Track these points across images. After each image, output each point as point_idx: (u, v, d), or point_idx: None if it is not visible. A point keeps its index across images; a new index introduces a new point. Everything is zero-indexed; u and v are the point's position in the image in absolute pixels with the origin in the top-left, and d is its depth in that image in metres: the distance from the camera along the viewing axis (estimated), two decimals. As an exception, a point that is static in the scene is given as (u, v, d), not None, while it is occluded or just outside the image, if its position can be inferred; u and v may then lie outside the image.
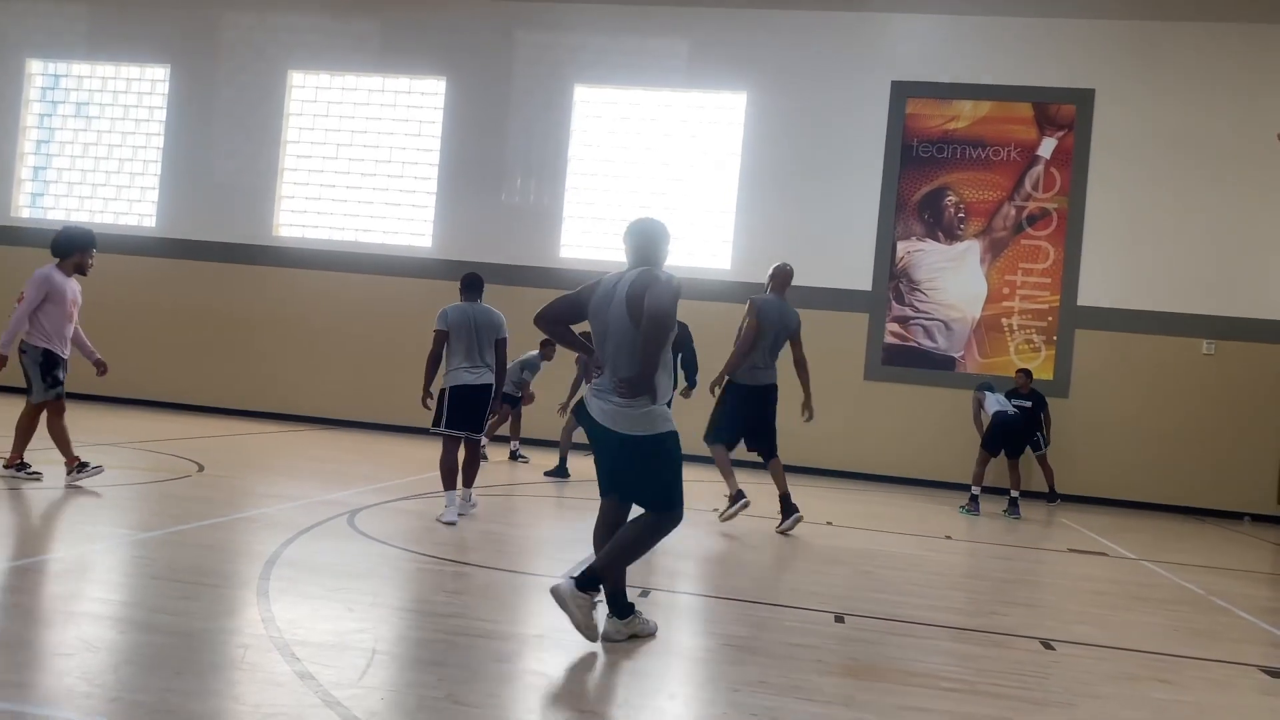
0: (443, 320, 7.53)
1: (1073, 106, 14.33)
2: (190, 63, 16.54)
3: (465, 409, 7.45)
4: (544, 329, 4.80)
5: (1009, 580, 7.46)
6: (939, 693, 4.22)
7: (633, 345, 4.39)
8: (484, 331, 7.54)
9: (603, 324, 4.51)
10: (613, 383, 4.39)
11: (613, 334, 4.47)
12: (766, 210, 14.88)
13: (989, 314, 14.45)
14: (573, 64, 15.51)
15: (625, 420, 4.39)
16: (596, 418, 4.47)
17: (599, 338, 4.55)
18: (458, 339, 7.47)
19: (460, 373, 7.43)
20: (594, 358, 4.61)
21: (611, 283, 4.57)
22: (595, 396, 4.50)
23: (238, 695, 3.53)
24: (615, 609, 4.60)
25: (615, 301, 4.47)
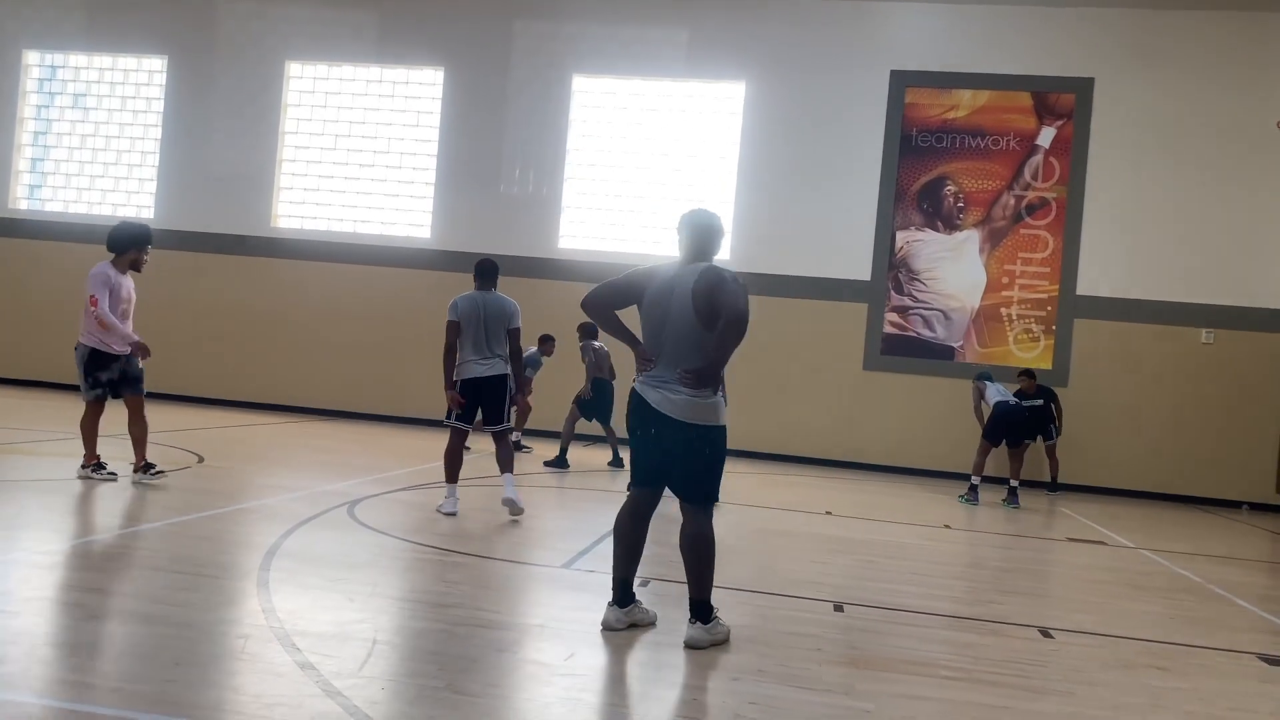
0: (453, 310, 7.28)
1: (1072, 95, 14.30)
2: (188, 54, 16.49)
3: (476, 402, 7.31)
4: (594, 314, 4.72)
5: (1007, 569, 7.48)
6: (938, 681, 4.23)
7: (696, 338, 4.42)
8: (494, 321, 7.28)
9: (661, 315, 4.48)
10: (676, 374, 4.41)
11: (674, 326, 4.44)
12: (765, 200, 14.86)
13: (988, 303, 14.45)
14: (571, 54, 15.47)
15: (691, 410, 4.41)
16: (659, 407, 4.43)
17: (654, 327, 4.51)
18: (467, 329, 7.24)
19: (471, 365, 7.26)
20: (642, 348, 4.56)
21: (670, 274, 4.53)
22: (654, 387, 4.47)
23: (238, 686, 3.53)
24: (618, 597, 4.61)
25: (679, 294, 4.44)
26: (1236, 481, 13.75)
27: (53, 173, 17.04)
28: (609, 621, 4.57)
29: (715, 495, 4.57)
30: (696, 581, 4.52)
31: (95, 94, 16.92)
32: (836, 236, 14.74)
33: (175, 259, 16.20)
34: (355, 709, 3.32)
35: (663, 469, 4.54)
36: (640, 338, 4.64)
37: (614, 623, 4.57)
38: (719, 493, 4.61)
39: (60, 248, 16.36)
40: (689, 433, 4.43)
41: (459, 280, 15.51)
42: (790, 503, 9.96)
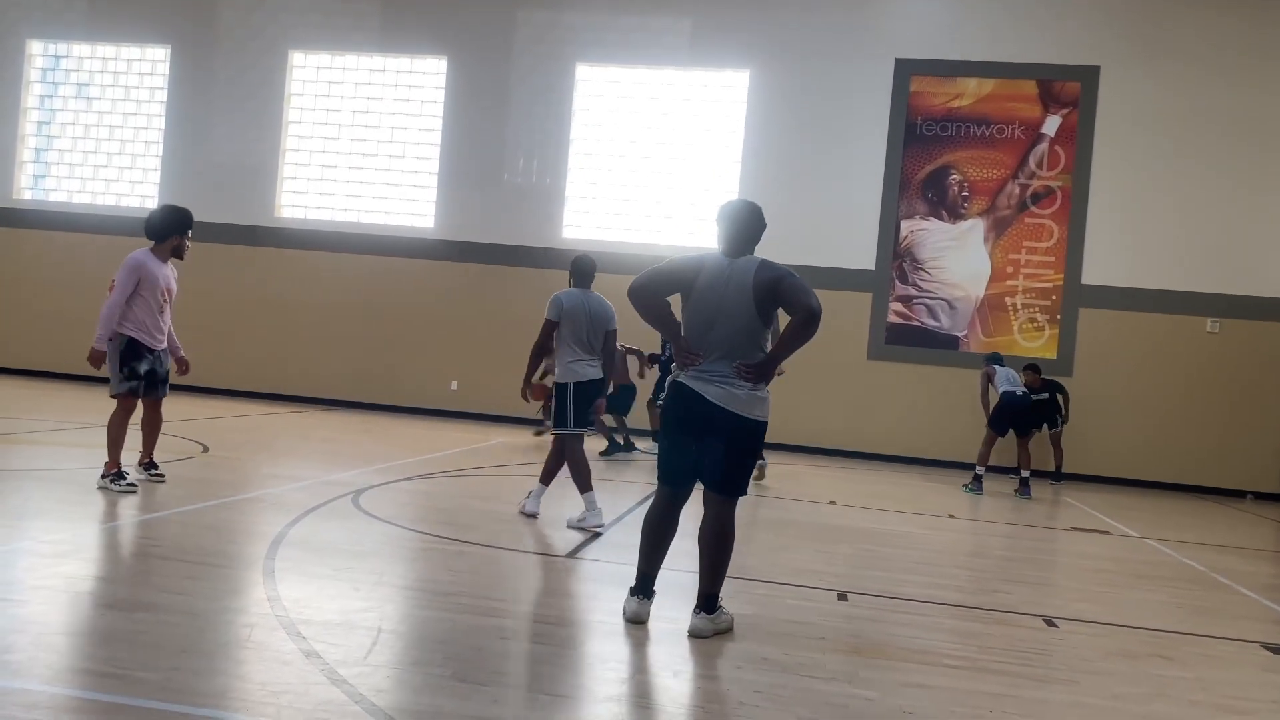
0: (555, 309, 6.79)
1: (1078, 84, 14.25)
2: (191, 43, 16.46)
3: (586, 405, 6.88)
4: (644, 304, 4.52)
5: (1011, 558, 7.48)
6: (941, 669, 4.24)
7: (754, 332, 4.40)
8: (598, 321, 6.88)
9: (713, 307, 4.40)
10: (733, 368, 4.37)
11: (727, 318, 4.38)
12: (769, 189, 14.81)
13: (993, 293, 14.42)
14: (574, 42, 15.43)
15: (752, 405, 4.41)
16: (720, 402, 4.36)
17: (704, 320, 4.42)
18: (573, 329, 6.79)
19: (582, 366, 6.81)
20: (687, 342, 4.46)
21: (723, 266, 4.45)
22: (712, 381, 4.39)
23: (244, 674, 3.55)
24: (643, 589, 4.59)
25: (736, 287, 4.38)
26: (1241, 470, 13.74)
27: (56, 163, 17.04)
28: (638, 614, 4.53)
29: (745, 489, 4.58)
30: (711, 573, 4.51)
31: (99, 84, 16.91)
32: (841, 226, 14.71)
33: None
34: (360, 697, 3.33)
35: (700, 463, 4.50)
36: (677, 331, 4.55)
37: (641, 615, 4.54)
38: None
39: (64, 238, 16.37)
40: (746, 427, 4.41)
41: (463, 270, 15.57)
42: (794, 492, 9.96)
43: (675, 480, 4.56)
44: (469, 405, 15.30)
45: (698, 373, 4.43)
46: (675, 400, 4.50)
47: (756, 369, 4.38)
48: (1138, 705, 3.99)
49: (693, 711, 3.57)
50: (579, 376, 6.78)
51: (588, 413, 6.85)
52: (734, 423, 4.39)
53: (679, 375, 4.50)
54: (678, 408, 4.49)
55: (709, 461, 4.47)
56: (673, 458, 4.54)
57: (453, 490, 8.38)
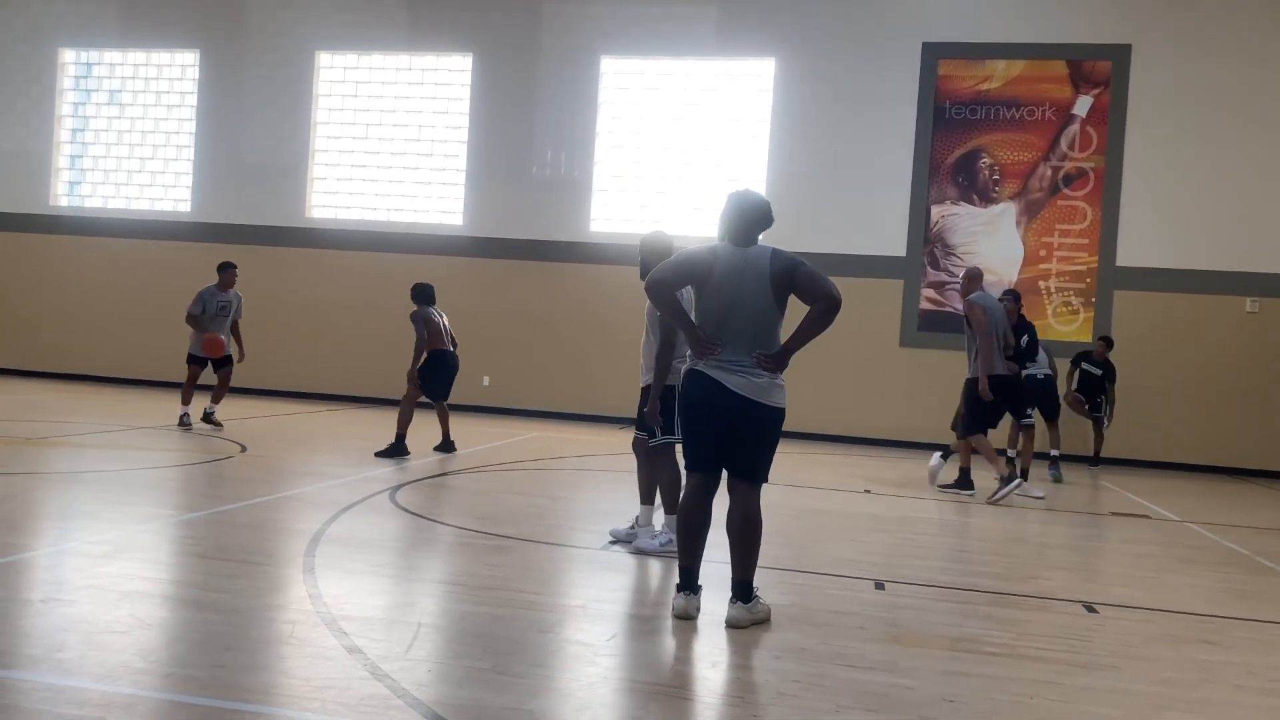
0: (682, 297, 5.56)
1: (1109, 63, 14.05)
2: (219, 47, 16.62)
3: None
4: (663, 296, 4.48)
5: (1050, 544, 7.42)
6: (982, 657, 4.22)
7: (771, 321, 4.46)
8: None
9: (730, 297, 4.43)
10: (752, 357, 4.40)
11: (745, 308, 4.42)
12: (798, 178, 14.75)
13: (1026, 277, 14.27)
14: (599, 35, 15.42)
15: (773, 393, 4.45)
16: (742, 392, 4.40)
17: (721, 310, 4.44)
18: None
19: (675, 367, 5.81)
20: (704, 332, 4.45)
21: (736, 256, 4.49)
22: (733, 371, 4.42)
23: (288, 670, 3.59)
24: (690, 584, 4.59)
25: (753, 277, 4.43)
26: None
27: (91, 169, 17.28)
28: (687, 610, 4.51)
29: (768, 475, 4.60)
30: (743, 562, 4.52)
31: (130, 90, 17.11)
32: (870, 213, 14.61)
33: (212, 251, 16.38)
34: (403, 691, 3.37)
35: (725, 452, 4.52)
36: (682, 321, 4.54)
37: (690, 610, 4.53)
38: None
39: (100, 243, 16.61)
40: (768, 415, 4.45)
41: (492, 266, 15.62)
42: (829, 481, 9.93)
43: (705, 465, 4.58)
44: (501, 400, 15.37)
45: (717, 362, 4.44)
46: (696, 389, 4.50)
47: (775, 359, 4.42)
48: (1183, 691, 3.95)
49: (731, 701, 3.58)
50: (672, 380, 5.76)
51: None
52: (757, 411, 4.43)
53: (697, 365, 4.50)
54: (699, 396, 4.49)
55: (734, 450, 4.50)
56: (697, 445, 4.57)
57: (488, 485, 8.43)
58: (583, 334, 15.14)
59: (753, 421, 4.45)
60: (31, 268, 16.94)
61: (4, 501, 6.32)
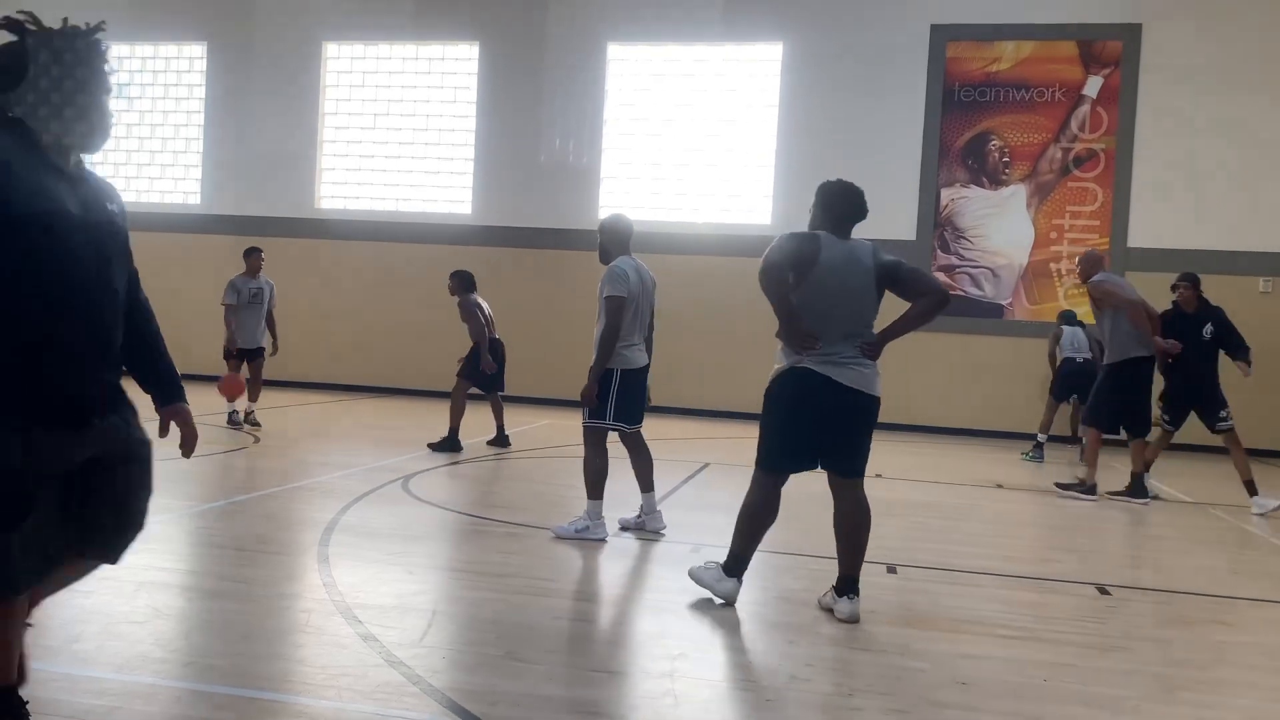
0: (623, 283, 5.78)
1: (1119, 43, 13.94)
2: (226, 39, 16.63)
3: (640, 396, 5.98)
4: (777, 284, 4.36)
5: (1063, 527, 7.41)
6: (996, 640, 4.22)
7: (871, 315, 4.47)
8: (650, 296, 6.06)
9: (836, 288, 4.37)
10: (856, 347, 4.37)
11: (855, 301, 4.41)
12: (806, 162, 14.69)
13: (1036, 259, 14.21)
14: (605, 21, 15.37)
15: (874, 382, 4.44)
16: (855, 385, 4.35)
17: (828, 300, 4.35)
18: (632, 307, 5.85)
19: (638, 352, 5.91)
20: (807, 324, 4.32)
21: (840, 246, 4.46)
22: (842, 364, 4.34)
23: (304, 658, 3.62)
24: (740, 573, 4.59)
25: (861, 269, 4.44)
26: (1298, 432, 13.44)
27: (101, 162, 17.30)
28: (733, 595, 4.52)
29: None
30: (856, 555, 4.51)
31: (138, 83, 17.14)
32: (880, 196, 14.38)
33: (222, 243, 16.44)
34: (418, 678, 3.39)
35: (828, 449, 4.47)
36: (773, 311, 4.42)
37: (736, 596, 4.55)
38: None
39: (112, 236, 16.67)
40: (874, 405, 4.45)
41: (501, 254, 15.63)
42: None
43: (791, 468, 4.53)
44: (512, 389, 15.32)
45: (823, 358, 4.33)
46: (801, 388, 4.36)
47: (876, 347, 4.43)
48: (1197, 671, 3.95)
49: (745, 686, 3.60)
50: (634, 363, 5.85)
51: (636, 406, 5.92)
52: (865, 402, 4.40)
53: (799, 361, 4.35)
54: (804, 396, 4.36)
55: (840, 446, 4.45)
56: (793, 447, 4.47)
57: (500, 473, 8.46)
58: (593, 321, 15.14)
59: (861, 412, 4.41)
60: (43, 262, 17.02)
61: (21, 494, 6.37)
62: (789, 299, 4.36)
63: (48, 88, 2.58)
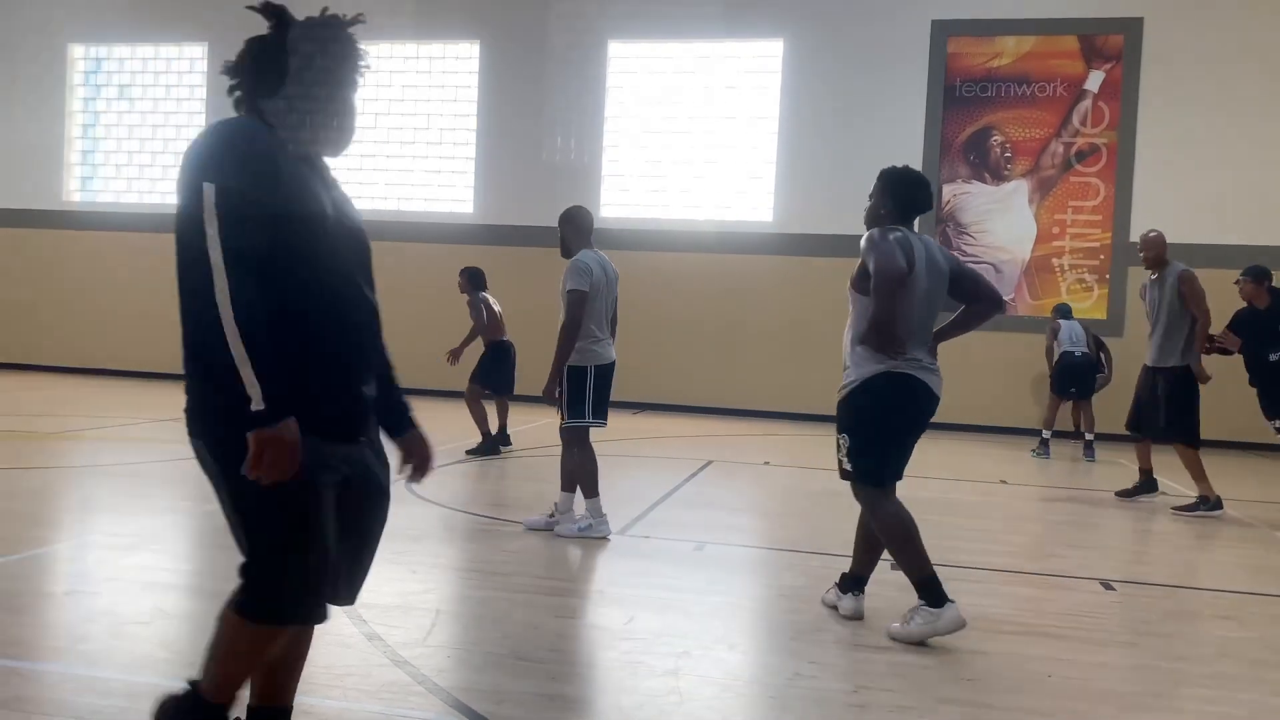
0: (585, 277, 5.67)
1: (1121, 37, 13.92)
2: (226, 39, 16.46)
3: (608, 393, 5.89)
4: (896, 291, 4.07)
5: (1066, 523, 7.41)
6: (999, 635, 4.23)
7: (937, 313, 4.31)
8: (613, 289, 5.92)
9: (922, 291, 4.18)
10: (928, 349, 4.26)
11: (932, 302, 4.24)
12: (808, 159, 14.69)
13: (1039, 254, 14.20)
14: (606, 19, 15.36)
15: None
16: (938, 391, 4.25)
17: (914, 303, 4.15)
18: (598, 301, 5.75)
19: (606, 346, 5.80)
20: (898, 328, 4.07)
21: (922, 245, 4.25)
22: (931, 370, 4.23)
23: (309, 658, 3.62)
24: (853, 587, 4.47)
25: (939, 272, 4.27)
26: (1302, 426, 13.41)
27: (103, 164, 17.34)
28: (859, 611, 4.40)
29: None
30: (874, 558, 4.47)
31: (140, 84, 17.15)
32: (881, 193, 14.53)
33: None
34: (423, 677, 3.40)
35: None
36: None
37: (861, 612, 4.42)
38: None
39: (114, 238, 16.68)
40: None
41: (503, 253, 15.63)
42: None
43: (897, 478, 4.38)
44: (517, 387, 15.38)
45: (916, 363, 4.16)
46: (907, 397, 4.18)
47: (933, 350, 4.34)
48: (1201, 666, 3.95)
49: (749, 684, 3.60)
50: (600, 359, 5.76)
51: (607, 403, 5.86)
52: (935, 409, 4.33)
53: (895, 366, 4.12)
54: (910, 405, 4.20)
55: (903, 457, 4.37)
56: (900, 455, 4.34)
57: (503, 472, 8.48)
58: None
59: (929, 419, 4.33)
60: (46, 263, 17.03)
61: (27, 495, 6.39)
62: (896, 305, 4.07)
63: (309, 83, 2.44)
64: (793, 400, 14.25)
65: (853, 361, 4.26)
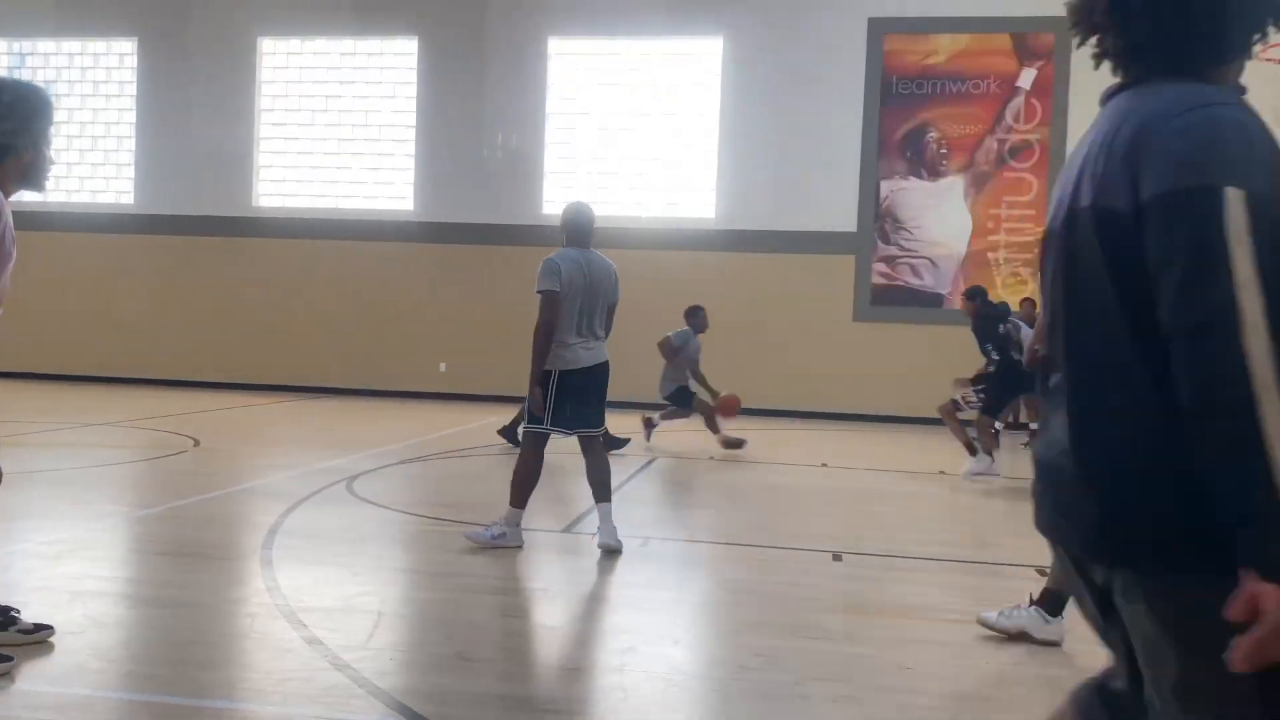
0: (553, 277, 5.43)
1: (1052, 35, 14.22)
2: (158, 34, 16.27)
3: (583, 400, 5.52)
4: None
5: (1004, 512, 7.55)
6: (939, 624, 4.30)
7: None
8: (600, 291, 5.55)
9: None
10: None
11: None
12: (748, 155, 14.79)
13: (975, 249, 14.45)
14: (546, 15, 15.30)
15: None
16: None
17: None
18: (573, 303, 5.49)
19: (576, 351, 5.49)
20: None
21: None
22: None
23: (248, 664, 3.58)
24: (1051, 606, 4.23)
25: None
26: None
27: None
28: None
29: None
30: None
31: (66, 79, 16.69)
32: (821, 189, 14.69)
33: (158, 244, 16.11)
34: (365, 680, 3.36)
35: None
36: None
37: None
38: None
39: (39, 237, 16.17)
40: None
41: (445, 251, 15.51)
42: (786, 456, 10.02)
43: None
44: (458, 386, 15.29)
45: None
46: None
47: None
48: (1131, 649, 4.05)
49: (695, 679, 3.62)
50: (570, 364, 5.44)
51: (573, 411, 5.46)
52: None
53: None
54: None
55: None
56: None
57: (447, 472, 8.41)
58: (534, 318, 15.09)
59: None
60: (-30, 265, 16.52)
61: (-50, 505, 6.19)
62: None
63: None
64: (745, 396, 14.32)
65: None
